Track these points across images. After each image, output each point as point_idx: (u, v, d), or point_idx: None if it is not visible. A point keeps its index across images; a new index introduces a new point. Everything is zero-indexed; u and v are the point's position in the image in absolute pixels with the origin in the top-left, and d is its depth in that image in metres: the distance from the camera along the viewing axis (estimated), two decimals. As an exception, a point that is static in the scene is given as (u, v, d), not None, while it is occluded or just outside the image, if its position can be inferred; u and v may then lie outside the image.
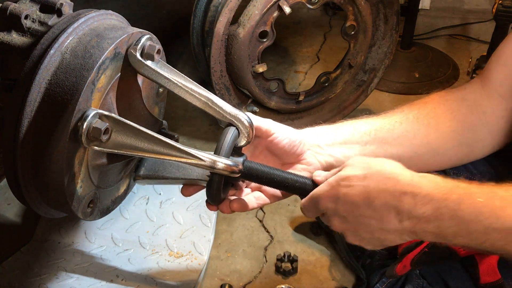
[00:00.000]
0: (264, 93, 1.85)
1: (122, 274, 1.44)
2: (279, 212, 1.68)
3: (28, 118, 0.85)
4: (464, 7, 3.08)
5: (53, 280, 1.42)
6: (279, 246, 1.58)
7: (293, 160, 1.04)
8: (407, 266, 1.26)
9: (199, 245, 1.53)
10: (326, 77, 1.95)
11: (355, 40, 1.91)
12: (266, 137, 1.01)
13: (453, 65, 2.49)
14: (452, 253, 1.24)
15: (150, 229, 1.58)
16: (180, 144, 0.89)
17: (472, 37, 2.75)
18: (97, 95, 0.87)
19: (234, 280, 1.47)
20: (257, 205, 1.01)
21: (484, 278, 1.23)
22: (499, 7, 1.91)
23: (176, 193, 1.68)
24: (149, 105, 1.06)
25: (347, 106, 2.06)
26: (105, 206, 1.03)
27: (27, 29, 0.93)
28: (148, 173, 1.05)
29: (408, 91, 2.33)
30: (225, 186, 0.95)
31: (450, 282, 1.28)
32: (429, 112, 1.10)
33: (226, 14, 1.64)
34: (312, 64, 2.54)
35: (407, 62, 2.47)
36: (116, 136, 0.86)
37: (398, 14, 1.89)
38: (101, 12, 0.95)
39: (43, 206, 0.96)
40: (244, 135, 0.95)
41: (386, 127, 1.09)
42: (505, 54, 1.08)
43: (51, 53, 0.85)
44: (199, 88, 0.95)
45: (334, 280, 1.47)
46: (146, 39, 0.93)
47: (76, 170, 0.88)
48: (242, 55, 1.71)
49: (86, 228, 1.57)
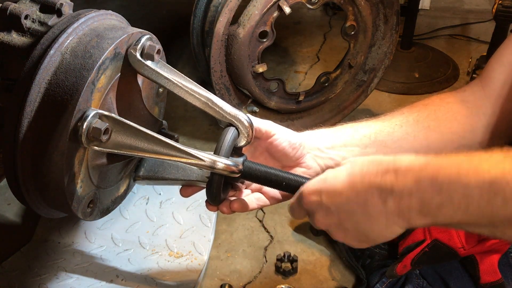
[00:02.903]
0: (264, 93, 1.85)
1: (122, 274, 1.44)
2: (279, 212, 1.68)
3: (28, 118, 0.85)
4: (464, 7, 3.08)
5: (53, 280, 1.42)
6: (279, 246, 1.58)
7: (293, 163, 1.04)
8: (407, 266, 1.26)
9: (199, 245, 1.53)
10: (326, 77, 1.95)
11: (355, 40, 1.91)
12: (266, 138, 1.01)
13: (453, 65, 2.49)
14: (452, 253, 1.24)
15: (150, 229, 1.58)
16: (180, 144, 0.89)
17: (472, 37, 2.75)
18: (97, 95, 0.87)
19: (234, 280, 1.47)
20: (257, 206, 1.01)
21: (485, 277, 1.24)
22: (499, 7, 1.91)
23: (176, 193, 1.65)
24: (149, 105, 1.06)
25: (347, 106, 2.06)
26: (105, 206, 1.03)
27: (27, 29, 0.93)
28: (147, 174, 1.06)
29: (408, 91, 2.33)
30: (224, 187, 0.95)
31: (450, 282, 1.28)
32: (429, 114, 1.10)
33: (226, 14, 1.64)
34: (312, 64, 2.54)
35: (407, 62, 2.47)
36: (116, 136, 0.86)
37: (398, 14, 1.89)
38: (101, 12, 0.95)
39: (43, 206, 0.96)
40: (244, 135, 0.95)
41: (386, 129, 1.08)
42: (507, 55, 1.08)
43: (51, 53, 0.85)
44: (199, 88, 0.95)
45: (334, 280, 1.47)
46: (146, 39, 0.93)
47: (76, 170, 0.88)
48: (242, 55, 1.71)
49: (86, 228, 1.57)
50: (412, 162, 0.76)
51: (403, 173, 0.75)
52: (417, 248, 1.27)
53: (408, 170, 0.75)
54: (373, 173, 0.77)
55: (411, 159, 0.76)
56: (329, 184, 0.83)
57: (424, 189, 0.73)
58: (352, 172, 0.80)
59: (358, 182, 0.79)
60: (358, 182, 0.79)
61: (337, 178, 0.82)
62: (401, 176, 0.75)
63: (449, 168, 0.72)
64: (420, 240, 1.28)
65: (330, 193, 0.82)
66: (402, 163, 0.76)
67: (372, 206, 0.77)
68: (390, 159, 0.78)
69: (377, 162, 0.79)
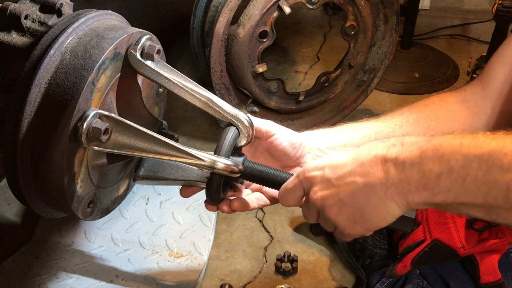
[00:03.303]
0: (264, 93, 1.85)
1: (122, 274, 1.44)
2: (279, 212, 1.68)
3: (28, 118, 0.85)
4: (464, 7, 3.08)
5: (53, 280, 1.42)
6: (279, 246, 1.58)
7: (293, 163, 1.04)
8: (407, 266, 1.26)
9: (199, 245, 1.53)
10: (326, 77, 1.95)
11: (355, 40, 1.91)
12: (266, 138, 1.01)
13: (453, 65, 2.49)
14: (452, 253, 1.24)
15: (150, 229, 1.58)
16: (180, 144, 0.89)
17: (472, 37, 2.75)
18: (97, 95, 0.87)
19: (234, 280, 1.47)
20: (258, 205, 1.01)
21: (485, 277, 1.24)
22: (499, 7, 1.91)
23: (176, 193, 1.66)
24: (149, 105, 1.06)
25: (347, 106, 2.06)
26: (105, 206, 1.03)
27: (27, 29, 0.93)
28: (147, 174, 1.06)
29: (408, 91, 2.33)
30: (224, 187, 0.95)
31: (450, 282, 1.28)
32: (430, 114, 1.10)
33: (226, 14, 1.64)
34: (312, 64, 2.54)
35: (407, 62, 2.47)
36: (116, 136, 0.86)
37: (398, 14, 1.89)
38: (101, 12, 0.95)
39: (43, 206, 0.96)
40: (244, 135, 0.95)
41: (386, 130, 1.09)
42: (507, 55, 1.08)
43: (51, 53, 0.85)
44: (199, 88, 0.95)
45: (334, 280, 1.47)
46: (146, 39, 0.93)
47: (76, 170, 0.88)
48: (242, 55, 1.71)
49: (86, 228, 1.57)
50: (418, 138, 0.77)
51: (409, 145, 0.76)
52: (417, 248, 1.27)
53: (413, 143, 0.76)
54: (380, 147, 0.79)
55: (418, 137, 0.78)
56: (334, 159, 0.84)
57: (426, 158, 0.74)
58: (359, 150, 0.82)
59: (364, 155, 0.80)
60: (363, 155, 0.80)
61: (343, 155, 0.83)
62: (406, 147, 0.76)
63: (452, 141, 0.73)
64: (420, 240, 1.28)
65: (333, 166, 0.83)
66: (409, 138, 0.78)
67: (373, 176, 0.78)
68: (398, 137, 0.80)
69: (384, 141, 0.80)
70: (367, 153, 0.79)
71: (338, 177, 0.81)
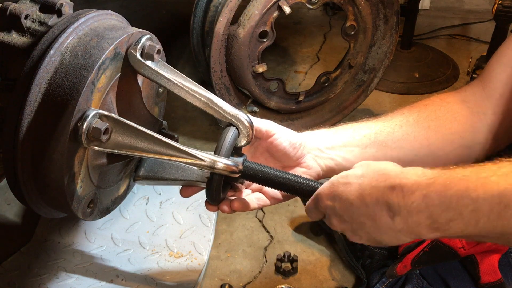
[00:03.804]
0: (264, 93, 1.85)
1: (122, 274, 1.44)
2: (279, 212, 1.68)
3: (28, 118, 0.85)
4: (464, 7, 3.07)
5: (53, 280, 1.42)
6: (279, 246, 1.57)
7: (293, 163, 1.04)
8: (407, 266, 1.26)
9: (199, 245, 1.53)
10: (326, 77, 1.95)
11: (355, 40, 1.91)
12: (267, 138, 1.01)
13: (453, 65, 2.49)
14: (452, 253, 1.24)
15: (150, 229, 1.58)
16: (180, 144, 0.89)
17: (472, 37, 2.74)
18: (97, 95, 0.87)
19: (234, 280, 1.47)
20: (258, 205, 1.01)
21: (485, 277, 1.23)
22: (499, 7, 1.91)
23: (176, 193, 1.66)
24: (149, 105, 1.06)
25: (347, 106, 2.06)
26: (105, 206, 1.03)
27: (27, 29, 0.93)
28: (147, 174, 1.06)
29: (408, 91, 2.33)
30: (224, 187, 0.95)
31: (450, 282, 1.28)
32: (430, 114, 1.10)
33: (226, 14, 1.64)
34: (312, 64, 2.54)
35: (407, 62, 2.47)
36: (116, 136, 0.86)
37: (398, 14, 1.89)
38: (101, 12, 0.95)
39: (43, 206, 0.96)
40: (244, 135, 0.95)
41: (386, 130, 1.08)
42: (507, 55, 1.08)
43: (51, 53, 0.85)
44: (199, 88, 0.95)
45: (334, 280, 1.47)
46: (146, 39, 0.93)
47: (76, 170, 0.88)
48: (242, 55, 1.71)
49: (86, 228, 1.57)
50: (419, 177, 0.76)
51: (410, 190, 0.75)
52: (417, 248, 1.27)
53: (415, 187, 0.75)
54: (381, 189, 0.78)
55: (418, 174, 0.76)
56: (342, 192, 0.84)
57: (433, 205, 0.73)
58: (362, 184, 0.81)
59: (367, 195, 0.80)
60: (367, 195, 0.80)
61: (349, 186, 0.83)
62: (408, 192, 0.75)
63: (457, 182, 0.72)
64: (420, 240, 1.28)
65: (342, 202, 0.84)
66: (408, 179, 0.76)
67: (380, 220, 0.79)
68: (398, 171, 0.79)
69: (386, 175, 0.79)
70: (370, 193, 0.79)
71: (349, 215, 0.84)
